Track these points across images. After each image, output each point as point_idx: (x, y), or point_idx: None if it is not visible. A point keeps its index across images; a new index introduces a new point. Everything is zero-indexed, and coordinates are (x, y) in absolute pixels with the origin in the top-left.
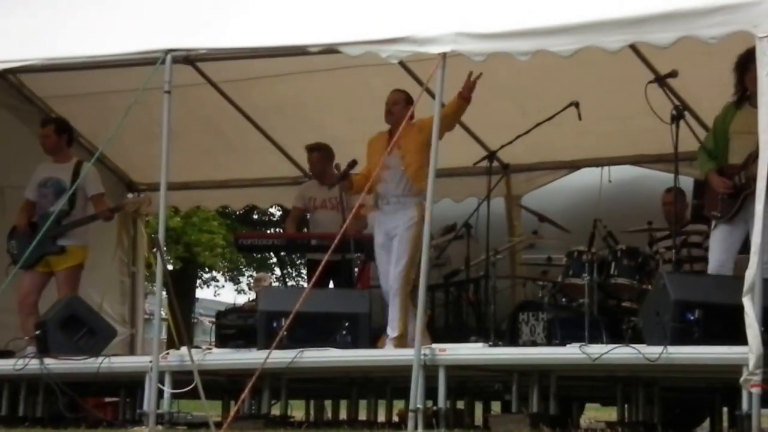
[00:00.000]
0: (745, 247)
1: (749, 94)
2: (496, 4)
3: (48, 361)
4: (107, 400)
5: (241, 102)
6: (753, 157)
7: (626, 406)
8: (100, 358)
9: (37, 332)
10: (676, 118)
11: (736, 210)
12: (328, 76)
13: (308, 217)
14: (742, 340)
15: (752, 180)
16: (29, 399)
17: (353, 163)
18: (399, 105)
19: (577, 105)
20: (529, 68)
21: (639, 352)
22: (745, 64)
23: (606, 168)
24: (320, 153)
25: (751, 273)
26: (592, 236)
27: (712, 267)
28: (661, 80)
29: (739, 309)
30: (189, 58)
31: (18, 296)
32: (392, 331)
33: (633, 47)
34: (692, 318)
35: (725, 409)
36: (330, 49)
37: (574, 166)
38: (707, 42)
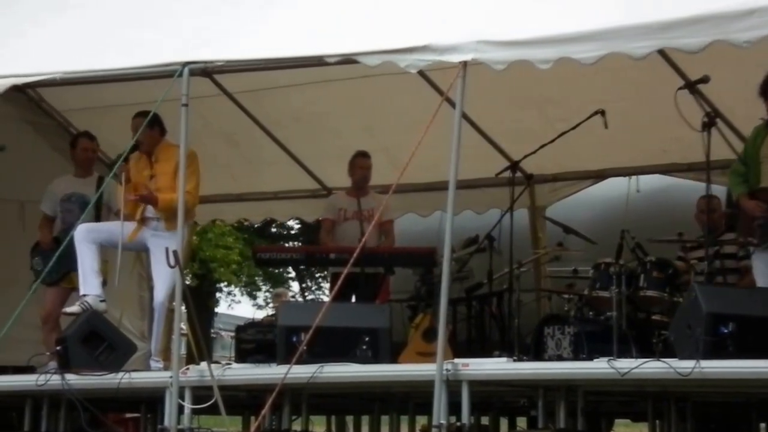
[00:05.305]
0: None
1: None
2: (517, 11)
3: (69, 376)
4: (128, 415)
5: (258, 113)
6: None
7: (657, 422)
8: (121, 374)
9: (58, 348)
10: (708, 125)
11: None
12: (346, 86)
13: (335, 227)
14: None
15: None
16: (51, 415)
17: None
18: (143, 132)
19: (603, 113)
20: (553, 76)
21: (670, 366)
22: None
23: (634, 177)
24: (369, 160)
25: None
26: (619, 248)
27: None
28: (691, 86)
29: None
30: (206, 71)
31: (42, 312)
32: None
33: (662, 52)
34: (726, 331)
35: (762, 425)
36: (348, 59)
37: (600, 175)
38: (740, 46)
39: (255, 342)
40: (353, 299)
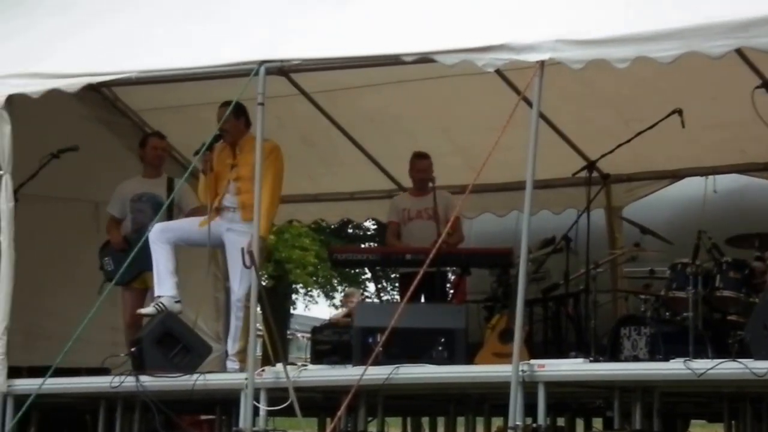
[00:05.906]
0: None
1: None
2: (595, 9)
3: (144, 378)
4: (203, 417)
5: (333, 113)
6: None
7: (733, 422)
8: (195, 375)
9: (133, 349)
10: None
11: None
12: (422, 87)
13: (401, 228)
14: None
15: None
16: (125, 416)
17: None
18: (229, 121)
19: (680, 112)
20: (630, 75)
21: (746, 367)
22: None
23: (711, 177)
24: (430, 161)
25: None
26: (696, 248)
27: None
28: None
29: None
30: (283, 69)
31: (125, 316)
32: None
33: (739, 51)
34: None
35: None
36: (425, 58)
37: (677, 175)
38: None
39: (331, 343)
40: (422, 299)
